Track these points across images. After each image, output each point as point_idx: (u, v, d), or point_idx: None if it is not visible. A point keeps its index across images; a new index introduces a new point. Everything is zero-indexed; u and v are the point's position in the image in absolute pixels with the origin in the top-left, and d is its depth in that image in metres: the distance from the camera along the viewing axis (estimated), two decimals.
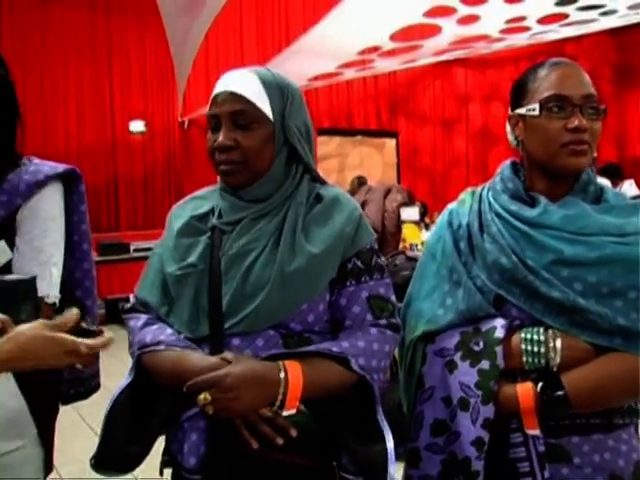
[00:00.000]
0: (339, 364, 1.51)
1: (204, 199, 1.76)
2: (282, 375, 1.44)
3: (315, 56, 9.08)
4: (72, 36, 10.68)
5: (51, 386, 1.93)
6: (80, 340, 1.37)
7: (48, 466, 1.90)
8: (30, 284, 1.52)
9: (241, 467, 1.48)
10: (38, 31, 10.20)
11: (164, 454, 1.66)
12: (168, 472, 1.67)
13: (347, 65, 10.34)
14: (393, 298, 1.67)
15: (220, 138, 1.58)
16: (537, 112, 1.60)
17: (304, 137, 1.67)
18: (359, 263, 1.62)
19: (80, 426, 4.68)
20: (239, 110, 1.57)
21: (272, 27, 12.61)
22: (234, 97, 1.58)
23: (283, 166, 1.65)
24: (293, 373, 1.46)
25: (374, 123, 14.10)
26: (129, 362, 1.63)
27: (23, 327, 1.35)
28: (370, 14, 7.87)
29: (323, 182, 1.73)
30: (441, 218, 1.83)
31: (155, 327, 1.61)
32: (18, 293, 1.48)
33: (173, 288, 1.62)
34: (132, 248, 9.44)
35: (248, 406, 1.42)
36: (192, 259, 1.61)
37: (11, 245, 1.77)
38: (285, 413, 1.45)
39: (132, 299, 1.73)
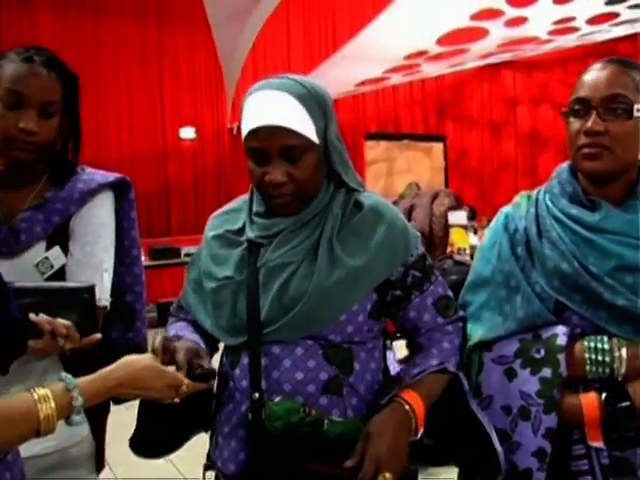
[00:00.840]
0: (439, 372, 1.56)
1: (239, 211, 1.72)
2: (407, 407, 1.48)
3: (362, 61, 9.06)
4: (124, 46, 10.81)
5: None
6: (183, 378, 1.43)
7: (100, 463, 1.96)
8: (90, 291, 1.56)
9: (280, 476, 1.46)
10: (91, 41, 10.33)
11: (207, 459, 1.69)
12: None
13: (394, 70, 10.30)
14: (449, 291, 1.68)
15: (272, 175, 1.50)
16: (566, 115, 1.58)
17: (341, 143, 1.63)
18: (417, 273, 1.61)
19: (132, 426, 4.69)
20: (289, 145, 1.48)
21: (319, 33, 12.61)
22: (280, 131, 1.47)
23: (327, 183, 1.62)
24: (415, 403, 1.50)
25: (421, 127, 14.00)
26: None
27: (134, 357, 1.42)
28: (417, 18, 7.83)
29: (359, 189, 1.66)
30: (495, 222, 1.76)
31: (183, 324, 1.67)
32: (78, 299, 1.53)
33: (211, 299, 1.63)
34: (183, 253, 9.46)
35: (404, 450, 1.46)
36: (229, 272, 1.61)
37: (65, 250, 1.80)
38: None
39: (176, 304, 1.77)
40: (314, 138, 1.51)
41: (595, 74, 1.54)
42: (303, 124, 1.49)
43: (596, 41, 10.82)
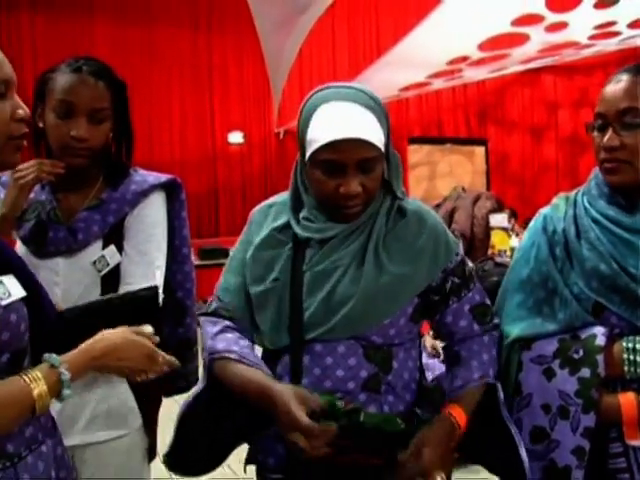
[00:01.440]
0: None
1: (285, 205, 1.67)
2: (454, 421, 1.52)
3: (406, 67, 9.02)
4: (175, 54, 10.94)
5: (155, 380, 1.96)
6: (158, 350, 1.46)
7: (152, 453, 1.98)
8: (155, 292, 1.61)
9: (320, 467, 1.45)
10: (145, 49, 10.48)
11: (248, 453, 1.69)
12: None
13: (436, 75, 10.23)
14: (487, 298, 1.67)
15: (349, 187, 1.46)
16: (590, 130, 1.59)
17: (396, 155, 1.61)
18: (455, 279, 1.61)
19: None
20: (367, 158, 1.46)
21: (364, 39, 12.60)
22: (361, 144, 1.43)
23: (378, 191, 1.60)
24: (460, 418, 1.53)
25: (463, 131, 13.90)
26: None
27: (110, 331, 1.41)
28: (459, 25, 7.76)
29: (401, 194, 1.63)
30: (534, 223, 1.75)
31: (230, 335, 1.60)
32: (148, 302, 1.58)
33: (256, 301, 1.61)
34: (231, 253, 9.52)
35: (451, 458, 1.56)
36: (275, 274, 1.58)
37: (120, 249, 1.84)
38: None
39: (215, 303, 1.70)
40: (383, 149, 1.50)
41: (611, 87, 1.53)
42: (377, 136, 1.46)
43: (637, 45, 10.64)
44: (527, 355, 1.61)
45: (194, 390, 1.61)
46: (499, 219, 6.94)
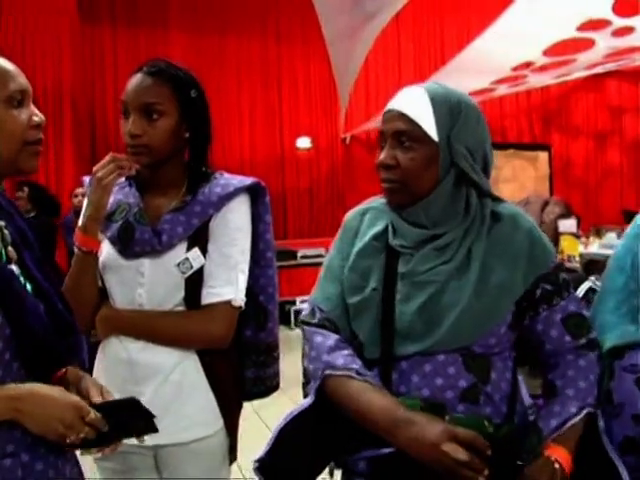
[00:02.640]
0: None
1: (379, 211, 1.64)
2: (557, 466, 1.41)
3: (470, 73, 8.93)
4: (246, 62, 11.06)
5: (236, 383, 1.98)
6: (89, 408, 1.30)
7: (233, 455, 1.97)
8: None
9: (408, 472, 1.41)
10: (216, 58, 10.61)
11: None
12: None
13: (501, 81, 10.11)
14: (584, 311, 1.57)
15: (382, 156, 1.50)
16: None
17: (476, 157, 1.51)
18: (547, 286, 1.52)
19: (252, 419, 4.79)
20: (402, 130, 1.46)
21: (428, 46, 12.52)
22: (399, 116, 1.47)
23: (450, 189, 1.50)
24: (564, 460, 1.43)
25: (527, 137, 13.68)
26: (297, 364, 1.62)
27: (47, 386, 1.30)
28: (524, 31, 7.66)
29: (496, 199, 1.58)
30: (630, 230, 1.66)
31: (346, 351, 1.52)
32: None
33: (354, 311, 1.56)
34: (299, 255, 9.58)
35: None
36: (373, 284, 1.53)
37: (204, 252, 1.82)
38: None
39: (318, 313, 1.62)
40: (431, 132, 1.46)
41: None
42: (422, 115, 1.45)
43: None
44: (619, 363, 1.53)
45: (302, 403, 1.51)
46: (568, 224, 6.77)
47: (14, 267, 1.34)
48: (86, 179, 1.96)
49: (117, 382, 1.82)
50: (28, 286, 1.35)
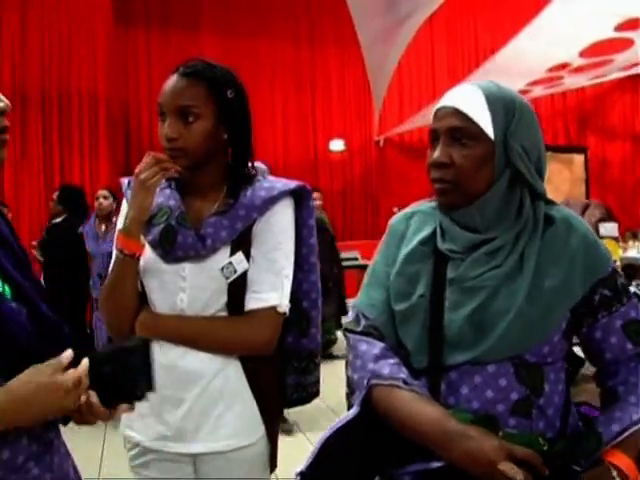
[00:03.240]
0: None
1: (426, 214, 1.57)
2: (615, 473, 1.32)
3: (505, 75, 8.82)
4: (279, 64, 11.12)
5: (278, 390, 1.94)
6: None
7: (273, 463, 1.92)
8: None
9: None
10: (249, 61, 10.64)
11: None
12: None
13: (536, 83, 10.02)
14: None
15: (435, 154, 1.42)
16: None
17: (531, 157, 1.44)
18: (606, 292, 1.43)
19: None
20: (457, 127, 1.39)
21: (462, 49, 12.48)
22: (454, 112, 1.40)
23: (504, 190, 1.43)
24: (627, 466, 1.34)
25: (562, 139, 13.53)
26: (340, 372, 1.56)
27: (18, 377, 1.18)
28: (560, 32, 7.57)
29: (549, 202, 1.50)
30: None
31: (392, 360, 1.46)
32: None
33: (400, 318, 1.49)
34: None
35: None
36: (421, 290, 1.47)
37: (247, 256, 1.77)
38: None
39: (362, 320, 1.56)
40: (488, 130, 1.39)
41: None
42: (478, 112, 1.39)
43: None
44: None
45: (347, 414, 1.43)
46: (609, 228, 6.67)
47: None
48: (124, 181, 1.91)
49: (157, 388, 1.78)
50: (7, 289, 1.25)
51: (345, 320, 1.61)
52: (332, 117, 11.64)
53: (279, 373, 1.95)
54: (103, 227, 5.73)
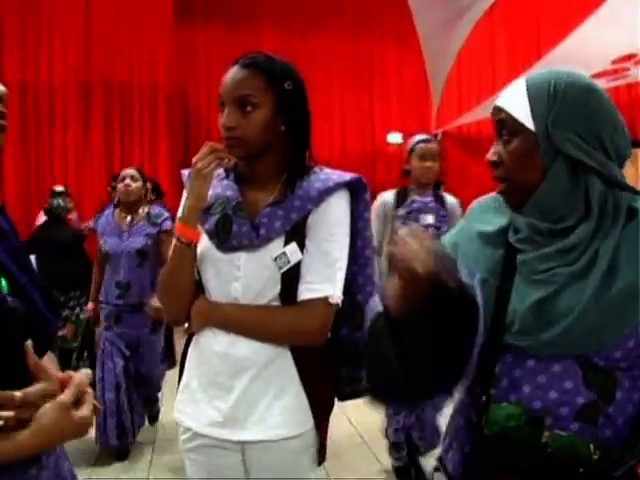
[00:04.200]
0: None
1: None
2: None
3: (567, 67, 8.57)
4: (337, 58, 11.12)
5: (329, 383, 1.94)
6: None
7: (321, 456, 1.92)
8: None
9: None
10: (308, 53, 10.66)
11: (438, 460, 1.57)
12: None
13: (600, 75, 9.75)
14: None
15: (489, 153, 1.40)
16: None
17: (591, 142, 1.33)
18: None
19: (340, 418, 4.77)
20: (499, 122, 1.37)
21: (523, 40, 12.23)
22: (498, 108, 1.38)
23: (564, 179, 1.33)
24: None
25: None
26: None
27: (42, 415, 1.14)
28: (625, 21, 7.36)
29: (635, 191, 1.38)
30: None
31: None
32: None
33: None
34: None
35: None
36: (484, 274, 1.43)
37: (301, 247, 1.78)
38: None
39: None
40: (526, 122, 1.33)
41: None
42: (516, 105, 1.35)
43: None
44: None
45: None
46: None
47: None
48: (185, 173, 1.94)
49: (209, 374, 1.83)
50: (3, 282, 1.22)
51: None
52: (390, 110, 11.59)
53: (331, 366, 1.95)
54: (128, 219, 4.46)
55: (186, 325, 1.90)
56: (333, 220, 1.81)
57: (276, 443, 1.81)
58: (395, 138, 11.48)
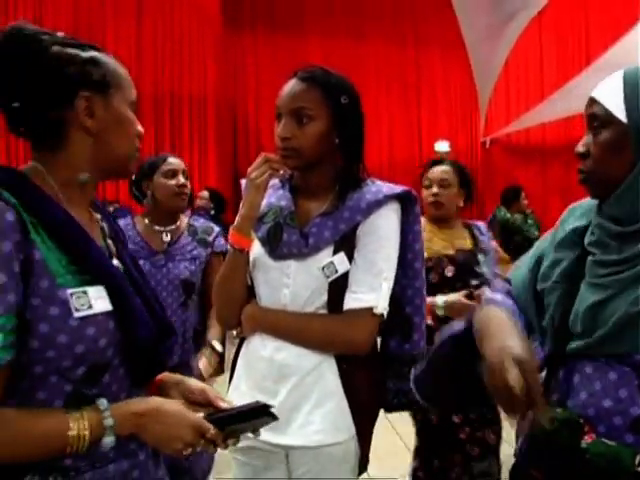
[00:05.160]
0: None
1: (589, 208, 1.46)
2: None
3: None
4: (384, 66, 11.11)
5: (373, 393, 1.94)
6: (209, 425, 1.26)
7: (362, 465, 1.92)
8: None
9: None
10: (354, 61, 10.66)
11: None
12: None
13: None
14: None
15: (578, 145, 1.36)
16: None
17: None
18: None
19: (386, 427, 4.73)
20: (592, 114, 1.32)
21: (572, 45, 12.09)
22: (591, 100, 1.33)
23: None
24: None
25: None
26: None
27: (163, 399, 1.30)
28: None
29: None
30: None
31: (511, 301, 1.49)
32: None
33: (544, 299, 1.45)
34: None
35: None
36: (555, 277, 1.41)
37: (350, 258, 1.81)
38: None
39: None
40: (619, 115, 1.28)
41: None
42: (608, 97, 1.29)
43: None
44: None
45: (453, 328, 1.51)
46: None
47: (116, 262, 1.33)
48: (243, 182, 1.99)
49: (256, 378, 1.88)
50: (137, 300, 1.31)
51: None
52: (437, 118, 11.55)
53: (376, 376, 1.96)
54: (165, 234, 2.90)
55: (236, 330, 1.96)
56: (382, 232, 1.83)
57: (317, 449, 1.83)
58: (443, 146, 11.40)
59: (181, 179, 2.87)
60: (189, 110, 9.57)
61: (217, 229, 3.10)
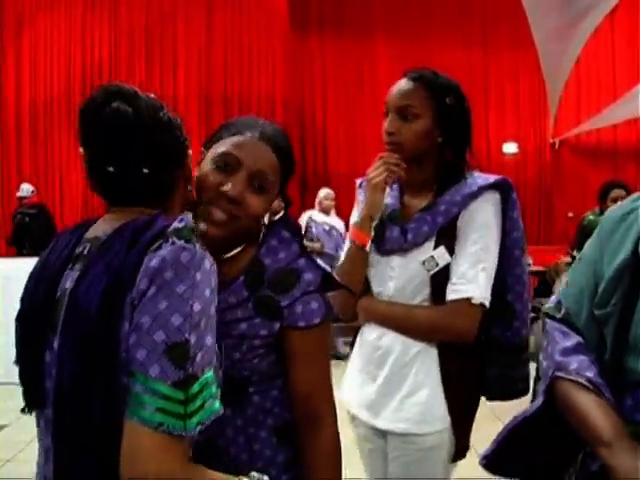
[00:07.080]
0: None
1: None
2: None
3: None
4: (452, 67, 10.69)
5: (472, 384, 1.98)
6: None
7: (459, 454, 1.94)
8: None
9: None
10: (421, 63, 10.35)
11: None
12: None
13: None
14: None
15: None
16: None
17: None
18: None
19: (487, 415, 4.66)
20: None
21: None
22: None
23: None
24: None
25: None
26: None
27: None
28: None
29: None
30: None
31: (584, 357, 1.33)
32: None
33: (599, 321, 1.36)
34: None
35: None
36: (615, 299, 1.30)
37: (451, 250, 1.87)
38: None
39: (563, 307, 1.45)
40: None
41: None
42: None
43: None
44: None
45: (534, 404, 1.38)
46: None
47: None
48: (358, 182, 2.15)
49: (362, 362, 2.02)
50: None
51: (547, 305, 1.52)
52: (505, 119, 11.39)
53: (477, 366, 1.99)
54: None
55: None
56: (479, 222, 1.88)
57: (407, 437, 1.90)
58: (511, 148, 11.28)
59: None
60: (257, 111, 9.72)
61: (297, 250, 3.12)
